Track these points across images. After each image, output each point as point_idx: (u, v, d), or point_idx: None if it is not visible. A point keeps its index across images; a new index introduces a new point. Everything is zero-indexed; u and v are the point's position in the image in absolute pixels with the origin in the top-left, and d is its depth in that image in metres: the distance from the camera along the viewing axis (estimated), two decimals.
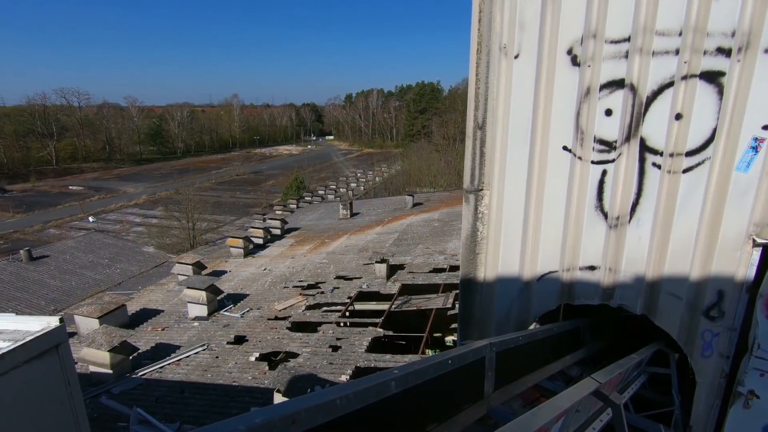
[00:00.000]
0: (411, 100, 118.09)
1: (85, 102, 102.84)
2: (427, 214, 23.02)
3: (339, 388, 0.80)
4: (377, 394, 0.87)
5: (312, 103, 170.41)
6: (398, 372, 0.97)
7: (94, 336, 10.07)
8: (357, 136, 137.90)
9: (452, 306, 11.77)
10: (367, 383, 0.86)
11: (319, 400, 0.73)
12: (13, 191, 68.73)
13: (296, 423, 0.66)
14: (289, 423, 0.65)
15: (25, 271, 23.55)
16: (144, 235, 42.13)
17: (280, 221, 23.91)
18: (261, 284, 15.54)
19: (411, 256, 15.68)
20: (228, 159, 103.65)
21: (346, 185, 50.22)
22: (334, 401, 0.76)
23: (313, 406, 0.71)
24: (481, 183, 2.61)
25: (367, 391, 0.84)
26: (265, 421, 0.61)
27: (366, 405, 0.83)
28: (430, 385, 1.09)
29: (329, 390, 0.80)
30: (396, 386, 0.93)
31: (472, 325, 2.90)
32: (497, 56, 2.38)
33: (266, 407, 0.67)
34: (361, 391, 0.83)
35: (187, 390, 9.27)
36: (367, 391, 0.84)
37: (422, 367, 1.07)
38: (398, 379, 0.94)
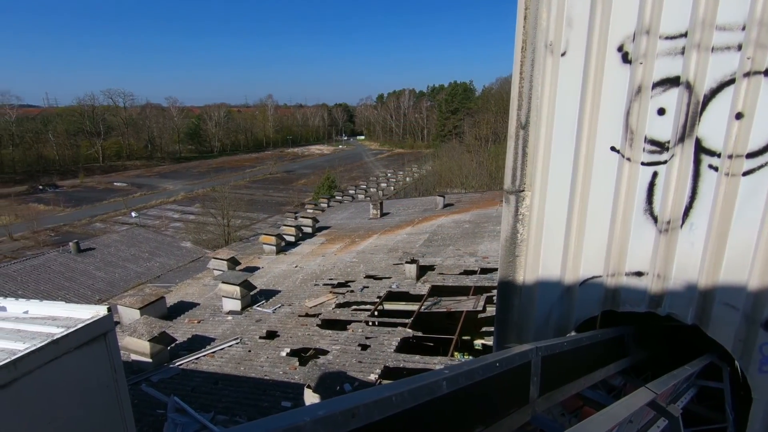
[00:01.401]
0: (443, 100, 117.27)
1: (130, 102, 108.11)
2: (458, 215, 22.79)
3: (393, 386, 0.80)
4: (429, 393, 0.87)
5: (344, 104, 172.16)
6: (448, 372, 0.96)
7: (135, 326, 10.54)
8: (388, 136, 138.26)
9: (483, 309, 11.59)
10: (420, 382, 0.86)
11: (376, 396, 0.74)
12: (63, 187, 73.06)
13: (356, 417, 0.67)
14: (349, 417, 0.66)
15: (74, 262, 24.97)
16: (182, 230, 43.80)
17: (311, 220, 24.29)
18: (292, 281, 15.82)
19: (441, 257, 15.56)
20: (262, 158, 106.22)
21: (376, 185, 50.46)
22: (390, 398, 0.76)
23: (371, 402, 0.71)
24: (522, 184, 2.55)
25: (420, 390, 0.84)
26: (327, 414, 0.62)
27: (418, 404, 0.83)
28: (478, 388, 1.07)
29: (384, 387, 0.80)
30: (447, 386, 0.92)
31: (509, 328, 2.84)
32: (542, 54, 2.32)
33: (327, 401, 0.68)
34: (415, 390, 0.82)
35: (220, 381, 9.55)
36: (420, 389, 0.84)
37: (471, 368, 1.06)
38: (449, 380, 0.94)
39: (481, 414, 1.14)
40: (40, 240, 44.09)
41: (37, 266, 24.05)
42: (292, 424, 0.57)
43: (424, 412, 0.84)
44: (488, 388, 1.14)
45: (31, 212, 54.22)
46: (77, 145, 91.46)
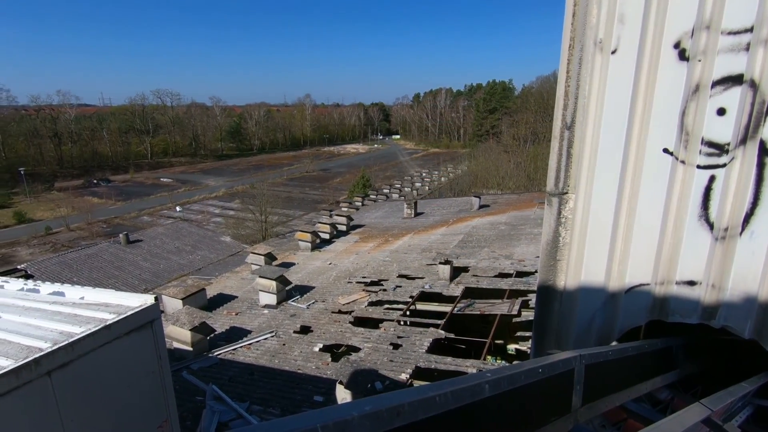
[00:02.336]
0: (480, 99, 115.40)
1: (176, 102, 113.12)
2: (494, 216, 22.38)
3: (436, 386, 0.80)
4: (472, 396, 0.86)
5: (380, 103, 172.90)
6: (491, 375, 0.95)
7: (178, 315, 11.04)
8: (423, 135, 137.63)
9: (518, 313, 11.34)
10: (463, 383, 0.85)
11: (420, 395, 0.74)
12: (115, 181, 77.50)
13: (400, 415, 0.68)
14: (394, 414, 0.66)
15: (123, 252, 26.43)
16: (222, 225, 45.42)
17: (346, 218, 24.55)
18: (326, 278, 16.06)
19: (475, 259, 15.34)
20: (299, 156, 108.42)
21: (411, 184, 50.35)
22: (434, 398, 0.76)
23: (416, 401, 0.72)
24: (566, 186, 2.47)
25: (463, 392, 0.84)
26: (373, 410, 0.63)
27: (460, 405, 0.82)
28: (520, 393, 1.05)
29: (427, 387, 0.80)
30: (489, 390, 0.91)
31: (548, 334, 2.76)
32: (591, 52, 2.24)
33: (373, 397, 0.69)
34: (458, 391, 0.82)
35: (256, 373, 9.84)
36: (463, 391, 0.83)
37: (513, 372, 1.04)
38: (491, 383, 0.92)
39: (522, 420, 1.12)
40: (94, 231, 46.98)
41: (91, 255, 25.65)
42: (341, 418, 0.58)
43: (466, 414, 0.84)
44: (530, 394, 1.11)
45: (86, 205, 57.93)
46: (128, 142, 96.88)
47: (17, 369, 3.17)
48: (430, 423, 0.74)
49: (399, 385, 8.73)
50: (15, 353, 3.43)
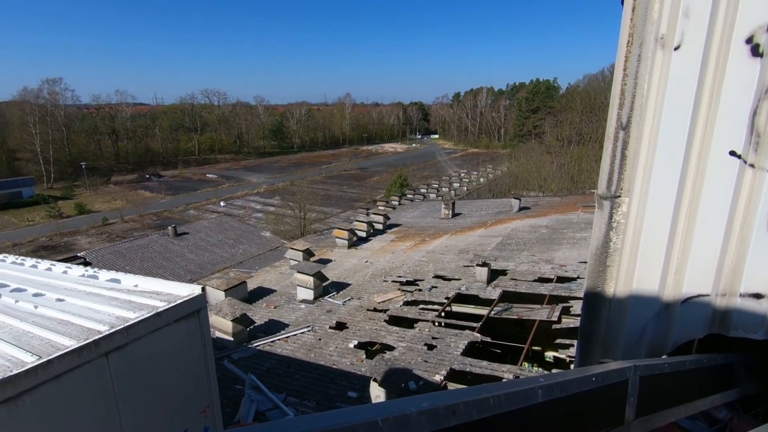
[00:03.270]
0: (523, 98, 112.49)
1: (223, 101, 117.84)
2: (535, 219, 21.75)
3: (489, 388, 0.79)
4: (525, 400, 0.84)
5: (419, 102, 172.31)
6: (544, 381, 0.92)
7: (220, 306, 11.48)
8: (462, 135, 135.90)
9: (558, 320, 10.98)
10: (516, 387, 0.84)
11: (475, 396, 0.73)
12: (165, 176, 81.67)
13: (456, 414, 0.67)
14: (450, 413, 0.66)
15: (171, 244, 27.81)
16: (263, 220, 46.84)
17: (382, 216, 24.65)
18: (362, 275, 16.20)
19: (514, 262, 14.97)
20: (338, 155, 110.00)
21: (448, 185, 49.84)
22: (488, 399, 0.75)
23: (471, 401, 0.71)
24: (619, 189, 2.36)
25: (516, 395, 0.82)
26: (431, 407, 0.63)
27: (513, 409, 0.81)
28: (572, 400, 1.02)
29: (481, 388, 0.79)
30: (542, 395, 0.89)
31: (595, 342, 2.65)
32: (651, 48, 2.12)
33: (429, 395, 0.69)
34: (511, 394, 0.80)
35: (292, 365, 10.08)
36: (516, 395, 0.82)
37: (566, 379, 1.01)
38: (544, 388, 0.90)
39: (574, 428, 1.08)
40: (145, 223, 49.76)
41: (142, 246, 27.18)
42: (401, 413, 0.59)
43: (518, 417, 0.82)
44: (583, 403, 1.07)
45: (138, 198, 61.45)
46: (178, 140, 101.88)
47: (79, 349, 3.41)
48: (484, 424, 0.73)
49: (433, 386, 8.68)
50: (77, 334, 3.68)
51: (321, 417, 0.54)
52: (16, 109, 76.61)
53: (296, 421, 0.53)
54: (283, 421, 0.54)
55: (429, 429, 0.60)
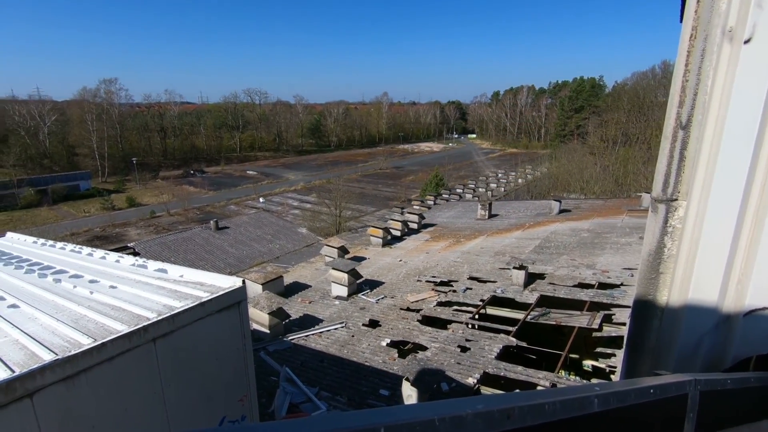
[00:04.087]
0: (566, 97, 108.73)
1: (264, 100, 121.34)
2: (575, 222, 20.99)
3: (544, 393, 0.76)
4: (580, 408, 0.80)
5: (457, 101, 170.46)
6: (599, 389, 0.88)
7: (258, 299, 11.81)
8: (501, 135, 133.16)
9: (598, 328, 10.54)
10: (571, 394, 0.80)
11: (530, 401, 0.71)
12: (208, 173, 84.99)
13: (511, 419, 0.65)
14: (505, 417, 0.64)
15: (213, 238, 28.90)
16: (299, 217, 47.82)
17: (417, 216, 24.57)
18: (396, 274, 16.21)
19: (553, 266, 14.52)
20: (373, 153, 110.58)
21: (485, 185, 48.95)
22: (543, 405, 0.72)
23: (526, 406, 0.68)
24: (676, 192, 2.22)
25: (572, 403, 0.78)
26: (486, 409, 0.61)
27: (567, 417, 0.77)
28: (629, 412, 0.96)
29: (535, 393, 0.76)
30: (598, 405, 0.85)
31: (643, 353, 2.51)
32: (717, 42, 1.98)
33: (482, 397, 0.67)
34: (567, 401, 0.77)
35: (326, 360, 10.23)
36: (572, 402, 0.78)
37: (622, 389, 0.96)
38: (600, 398, 0.86)
39: None
40: (189, 217, 52.00)
41: (186, 239, 28.42)
42: (457, 413, 0.57)
43: (573, 426, 0.78)
44: (639, 416, 1.01)
45: (183, 193, 64.31)
46: (220, 137, 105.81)
47: (130, 334, 3.61)
48: (538, 431, 0.70)
49: (466, 389, 8.56)
50: (128, 320, 3.89)
51: (377, 413, 0.53)
52: (76, 107, 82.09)
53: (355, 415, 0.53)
54: (342, 415, 0.54)
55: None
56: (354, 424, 0.49)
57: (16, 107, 79.59)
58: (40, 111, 79.34)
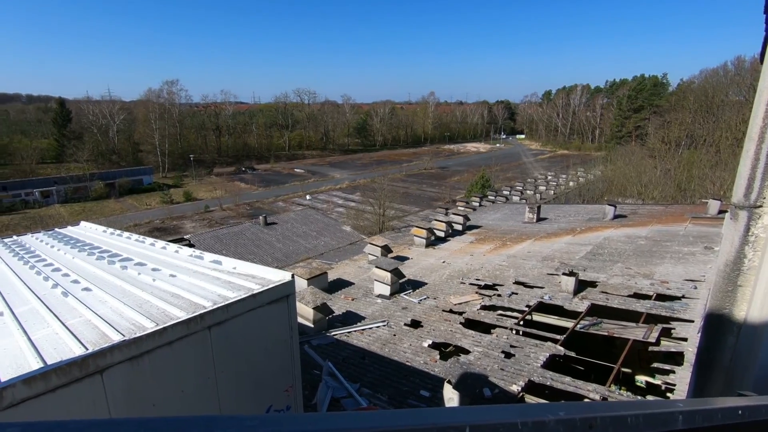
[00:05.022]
0: (624, 96, 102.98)
1: (313, 99, 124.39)
2: (632, 228, 19.83)
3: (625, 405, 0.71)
4: (663, 425, 0.75)
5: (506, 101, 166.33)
6: (683, 406, 0.81)
7: (303, 294, 12.11)
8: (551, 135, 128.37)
9: (656, 342, 9.89)
10: (654, 408, 0.75)
11: (612, 411, 0.66)
12: (258, 170, 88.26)
13: (592, 428, 0.61)
14: (587, 426, 0.60)
15: (261, 233, 29.99)
16: (344, 215, 48.54)
17: (462, 217, 24.19)
18: (439, 275, 16.05)
19: (606, 274, 13.79)
20: (418, 153, 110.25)
21: (534, 187, 47.35)
22: (626, 418, 0.67)
23: (608, 417, 0.64)
24: (761, 198, 2.03)
25: (655, 417, 0.73)
26: (567, 417, 0.58)
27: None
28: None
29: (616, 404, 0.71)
30: (682, 422, 0.78)
31: (716, 371, 2.32)
32: None
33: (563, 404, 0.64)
34: (650, 416, 0.72)
35: (367, 357, 10.31)
36: (655, 417, 0.73)
37: (708, 408, 0.88)
38: (685, 414, 0.79)
39: None
40: (240, 212, 54.28)
41: (236, 233, 29.68)
42: (539, 418, 0.55)
43: None
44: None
45: (235, 189, 67.23)
46: (271, 136, 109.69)
47: (188, 320, 3.81)
48: None
49: (509, 396, 8.32)
50: (186, 307, 4.11)
51: (463, 411, 0.52)
52: (141, 107, 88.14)
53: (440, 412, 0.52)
54: (428, 411, 0.53)
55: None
56: (441, 420, 0.47)
57: (90, 107, 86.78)
58: (110, 110, 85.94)
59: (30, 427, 0.41)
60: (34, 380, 2.69)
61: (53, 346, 3.28)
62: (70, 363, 2.88)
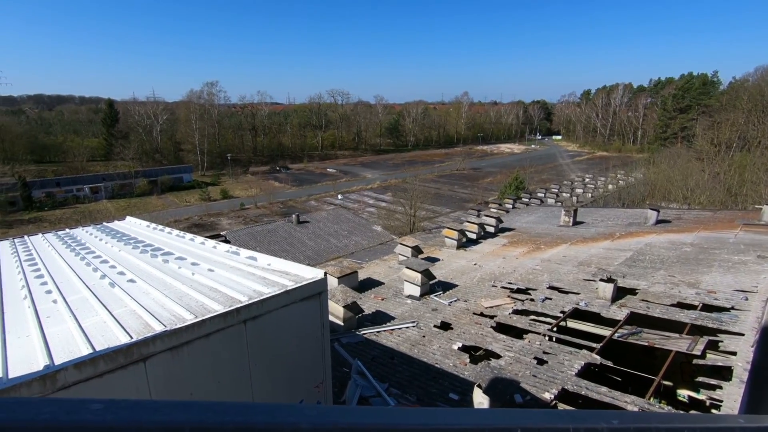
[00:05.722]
0: (669, 95, 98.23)
1: (346, 100, 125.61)
2: (676, 235, 18.87)
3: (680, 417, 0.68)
4: None
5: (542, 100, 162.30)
6: (743, 422, 0.76)
7: (334, 292, 12.25)
8: (590, 136, 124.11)
9: (701, 354, 9.36)
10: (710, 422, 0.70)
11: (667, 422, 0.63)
12: (292, 169, 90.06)
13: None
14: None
15: (294, 231, 30.56)
16: (374, 215, 48.77)
17: (494, 219, 23.77)
18: (470, 278, 15.85)
19: (647, 281, 13.19)
20: (451, 154, 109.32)
21: (570, 190, 45.90)
22: (681, 430, 0.64)
23: (663, 428, 0.61)
24: None
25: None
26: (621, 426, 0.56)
27: None
28: None
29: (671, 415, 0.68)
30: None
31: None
32: None
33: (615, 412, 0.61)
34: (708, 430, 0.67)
35: (396, 358, 10.31)
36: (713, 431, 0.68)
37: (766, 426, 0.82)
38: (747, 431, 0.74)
39: None
40: (273, 210, 55.57)
41: (270, 231, 30.38)
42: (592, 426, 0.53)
43: None
44: None
45: (269, 187, 68.87)
46: (304, 136, 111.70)
47: (225, 314, 3.93)
48: None
49: (541, 403, 8.10)
50: (223, 301, 4.24)
51: (514, 413, 0.51)
52: (183, 108, 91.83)
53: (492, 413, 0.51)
54: (480, 411, 0.52)
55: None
56: (492, 422, 0.46)
57: (136, 108, 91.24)
58: (154, 111, 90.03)
59: (112, 405, 0.44)
60: (83, 365, 2.85)
61: (101, 333, 3.46)
62: (116, 350, 3.03)
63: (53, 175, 67.44)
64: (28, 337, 3.41)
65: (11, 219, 50.04)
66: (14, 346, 3.24)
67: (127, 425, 0.43)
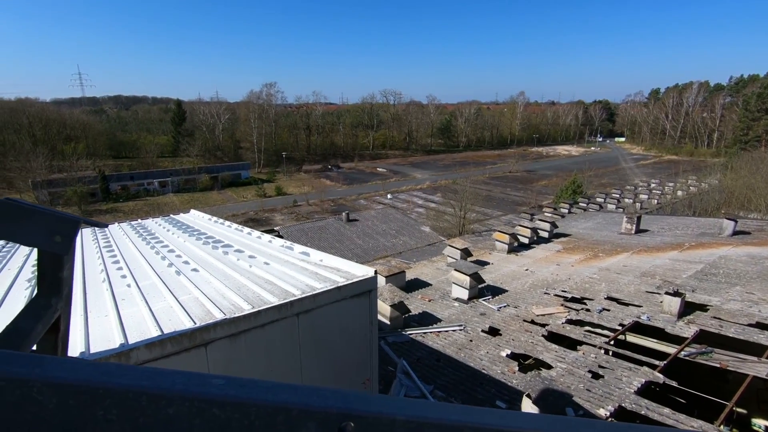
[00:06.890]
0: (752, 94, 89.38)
1: (398, 100, 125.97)
2: (757, 248, 17.14)
3: None
4: None
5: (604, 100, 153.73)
6: None
7: (381, 291, 12.33)
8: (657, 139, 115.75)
9: None
10: None
11: None
12: (343, 168, 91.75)
13: None
14: None
15: (344, 228, 31.13)
16: (423, 215, 48.51)
17: (549, 224, 22.85)
18: (521, 283, 15.35)
19: (720, 297, 12.10)
20: (504, 155, 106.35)
21: (633, 195, 43.08)
22: None
23: None
24: None
25: None
26: None
27: None
28: None
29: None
30: None
31: None
32: None
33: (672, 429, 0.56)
34: None
35: (442, 360, 10.21)
36: None
37: None
38: None
39: None
40: (324, 207, 56.91)
41: (321, 227, 31.14)
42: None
43: None
44: None
45: (321, 185, 70.65)
46: (356, 135, 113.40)
47: (279, 306, 4.08)
48: None
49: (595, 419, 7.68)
50: (278, 293, 4.40)
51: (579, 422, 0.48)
52: (243, 108, 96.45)
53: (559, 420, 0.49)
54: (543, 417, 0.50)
55: None
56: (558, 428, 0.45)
57: (201, 108, 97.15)
58: (217, 111, 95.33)
59: (231, 381, 0.50)
60: (153, 346, 3.07)
61: (168, 317, 3.72)
62: (182, 334, 3.24)
63: (128, 169, 73.42)
64: (106, 317, 3.73)
65: (92, 209, 55.06)
66: (95, 325, 3.56)
67: (245, 401, 0.49)
